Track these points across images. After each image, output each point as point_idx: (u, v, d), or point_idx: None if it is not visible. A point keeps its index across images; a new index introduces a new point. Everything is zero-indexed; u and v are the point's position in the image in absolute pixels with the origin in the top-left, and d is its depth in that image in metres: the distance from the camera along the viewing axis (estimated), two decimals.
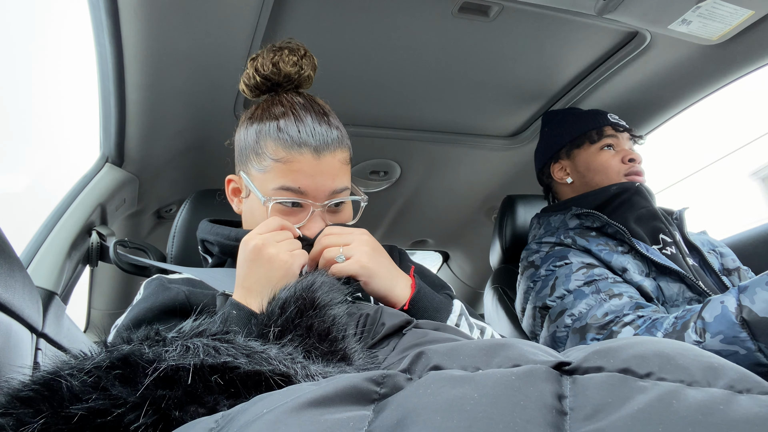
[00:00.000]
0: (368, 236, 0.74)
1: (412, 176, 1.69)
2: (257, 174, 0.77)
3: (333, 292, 0.54)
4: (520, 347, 0.29)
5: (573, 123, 1.28)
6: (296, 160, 0.74)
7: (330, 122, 0.78)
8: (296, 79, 0.81)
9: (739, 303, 0.80)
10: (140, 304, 0.68)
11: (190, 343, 0.39)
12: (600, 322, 0.97)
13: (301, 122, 0.75)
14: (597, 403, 0.24)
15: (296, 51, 0.81)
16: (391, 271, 0.73)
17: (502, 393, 0.24)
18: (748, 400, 0.24)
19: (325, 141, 0.75)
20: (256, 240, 0.66)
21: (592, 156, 1.24)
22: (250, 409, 0.30)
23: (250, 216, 0.81)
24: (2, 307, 0.71)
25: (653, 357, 0.26)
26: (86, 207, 1.17)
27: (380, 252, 0.73)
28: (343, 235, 0.73)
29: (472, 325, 0.76)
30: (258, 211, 0.78)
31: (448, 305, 0.76)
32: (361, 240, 0.72)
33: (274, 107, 0.78)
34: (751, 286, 0.80)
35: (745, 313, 0.78)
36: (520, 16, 1.07)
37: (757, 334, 0.77)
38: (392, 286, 0.71)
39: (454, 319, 0.74)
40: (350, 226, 0.78)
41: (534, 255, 1.19)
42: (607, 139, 1.23)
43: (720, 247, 1.26)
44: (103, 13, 0.89)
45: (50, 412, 0.33)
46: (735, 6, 1.01)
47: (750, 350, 0.78)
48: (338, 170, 0.77)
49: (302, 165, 0.74)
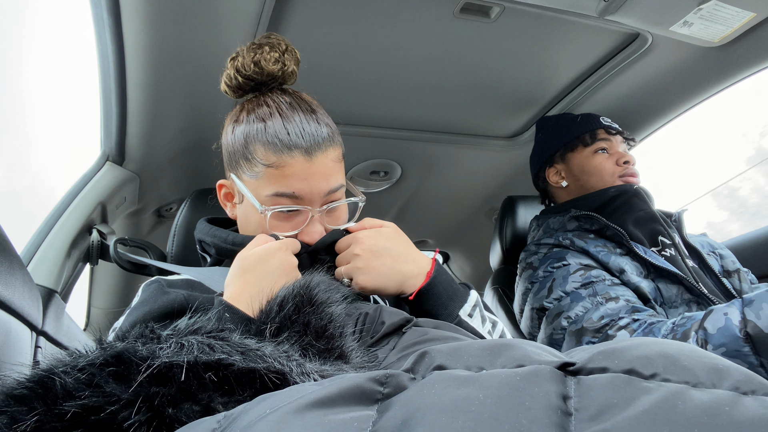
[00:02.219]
0: (364, 241, 0.73)
1: (412, 176, 1.69)
2: (249, 180, 0.75)
3: (331, 291, 0.54)
4: (524, 348, 0.29)
5: (566, 127, 1.29)
6: (288, 164, 0.71)
7: (319, 119, 0.76)
8: (280, 76, 0.78)
9: (743, 316, 0.79)
10: (139, 308, 0.67)
11: (185, 340, 0.39)
12: (595, 326, 0.96)
13: (289, 122, 0.73)
14: (602, 404, 0.24)
15: (277, 47, 0.77)
16: (397, 268, 0.72)
17: (507, 393, 0.24)
18: (753, 402, 0.23)
19: (315, 141, 0.72)
20: (291, 257, 0.67)
21: (587, 159, 1.24)
22: (253, 409, 0.30)
23: (246, 222, 0.80)
24: (2, 305, 0.71)
25: (658, 358, 0.26)
26: (87, 205, 1.16)
27: (378, 253, 0.72)
28: (344, 253, 0.73)
29: (484, 318, 0.75)
30: (253, 218, 0.76)
31: (464, 295, 0.75)
32: (355, 254, 0.72)
33: (260, 108, 0.75)
34: (757, 300, 0.79)
35: (750, 328, 0.77)
36: (522, 17, 1.07)
37: (760, 349, 0.76)
38: (399, 284, 0.72)
39: (468, 308, 0.74)
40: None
41: (532, 256, 1.19)
42: (600, 143, 1.24)
43: (720, 249, 1.26)
44: (104, 12, 0.89)
45: (44, 410, 0.33)
46: (736, 8, 1.01)
47: (752, 365, 0.77)
48: (331, 169, 0.74)
49: (294, 169, 0.71)
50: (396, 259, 0.73)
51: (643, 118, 1.49)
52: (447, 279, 0.75)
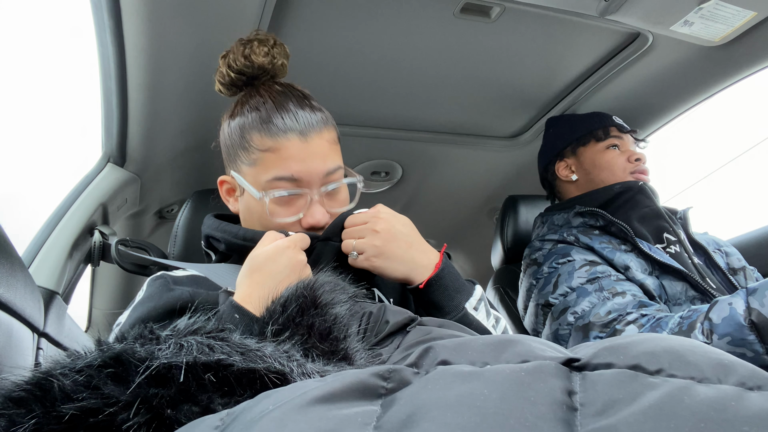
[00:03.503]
0: (384, 221, 0.73)
1: (413, 177, 1.69)
2: (248, 169, 0.76)
3: (336, 292, 0.54)
4: (529, 343, 0.29)
5: (578, 123, 1.30)
6: (284, 147, 0.73)
7: (312, 105, 0.77)
8: (270, 69, 0.80)
9: (747, 305, 0.80)
10: (144, 303, 0.67)
11: (184, 340, 0.38)
12: (603, 320, 0.96)
13: (282, 108, 0.74)
14: (607, 399, 0.24)
15: (266, 42, 0.79)
16: (410, 254, 0.72)
17: (512, 389, 0.24)
18: (759, 397, 0.23)
19: (309, 123, 0.74)
20: (300, 255, 0.66)
21: (599, 153, 1.25)
22: (256, 406, 0.30)
23: (248, 214, 0.80)
24: (4, 307, 0.71)
25: (663, 354, 0.26)
26: (88, 207, 1.16)
27: (396, 236, 0.72)
28: (358, 227, 0.73)
29: (489, 312, 0.76)
30: (255, 208, 0.77)
31: (470, 289, 0.76)
32: (374, 231, 0.71)
33: (253, 99, 0.77)
34: (761, 288, 0.80)
35: (754, 316, 0.78)
36: (522, 18, 1.07)
37: (765, 336, 0.77)
38: (409, 270, 0.72)
39: (473, 302, 0.74)
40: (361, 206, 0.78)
41: (537, 252, 1.19)
42: (612, 139, 1.25)
43: (725, 247, 1.26)
44: (105, 13, 0.89)
45: (42, 412, 0.33)
46: (737, 7, 1.01)
47: (758, 353, 0.78)
48: (328, 150, 0.76)
49: (291, 151, 0.73)
50: (410, 246, 0.73)
51: (644, 117, 1.49)
52: (454, 272, 0.76)
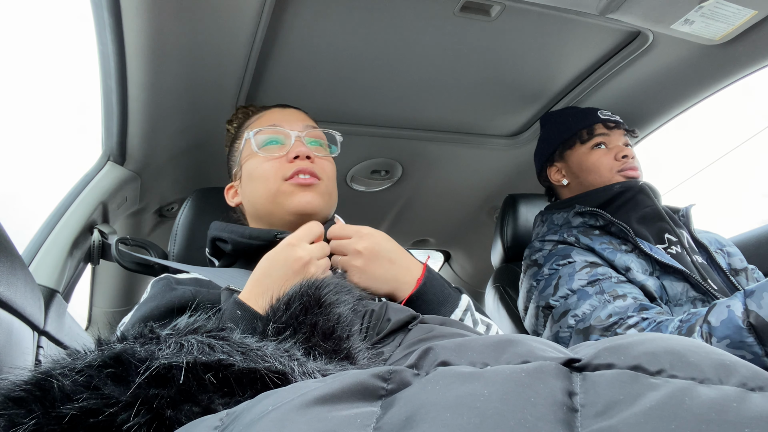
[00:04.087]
0: (366, 239, 0.73)
1: (413, 176, 1.69)
2: (243, 148, 0.90)
3: (341, 293, 0.54)
4: (529, 343, 0.29)
5: (564, 124, 1.27)
6: (266, 114, 0.92)
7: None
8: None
9: (745, 307, 0.79)
10: (147, 303, 0.68)
11: (184, 340, 0.38)
12: (604, 324, 0.96)
13: (268, 108, 0.96)
14: (608, 400, 0.24)
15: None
16: (392, 272, 0.72)
17: (512, 390, 0.24)
18: (760, 398, 0.23)
19: (289, 104, 0.97)
20: (301, 252, 0.66)
21: (584, 156, 1.23)
22: (256, 406, 0.29)
23: (250, 183, 0.86)
24: (4, 305, 0.70)
25: (664, 354, 0.26)
26: (88, 205, 1.16)
27: (378, 254, 0.73)
28: (342, 244, 0.74)
29: (476, 321, 0.76)
30: (255, 170, 0.85)
31: (455, 300, 0.76)
32: (356, 250, 0.72)
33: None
34: (758, 290, 0.80)
35: (752, 318, 0.78)
36: (522, 16, 1.07)
37: (763, 338, 0.77)
38: (391, 288, 0.72)
39: (458, 313, 0.74)
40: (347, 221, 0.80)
41: (537, 253, 1.19)
42: (597, 138, 1.22)
43: (728, 247, 1.25)
44: (105, 11, 0.89)
45: (41, 412, 0.33)
46: (738, 6, 1.00)
47: (757, 355, 0.77)
48: (306, 118, 0.93)
49: (273, 114, 0.92)
50: (392, 263, 0.73)
51: (644, 116, 1.49)
52: (438, 284, 0.75)
